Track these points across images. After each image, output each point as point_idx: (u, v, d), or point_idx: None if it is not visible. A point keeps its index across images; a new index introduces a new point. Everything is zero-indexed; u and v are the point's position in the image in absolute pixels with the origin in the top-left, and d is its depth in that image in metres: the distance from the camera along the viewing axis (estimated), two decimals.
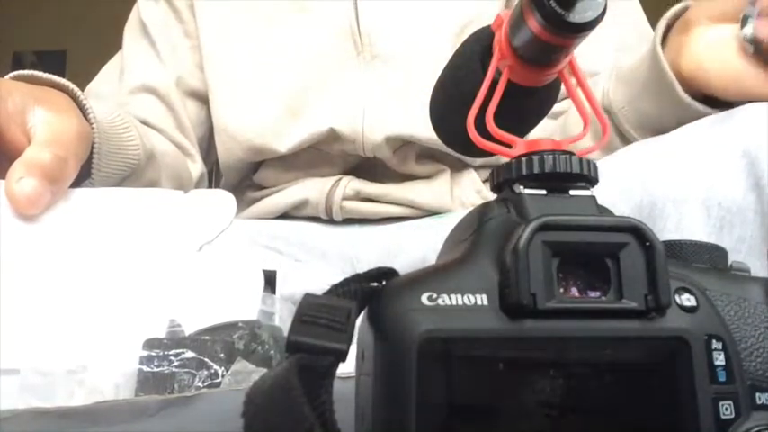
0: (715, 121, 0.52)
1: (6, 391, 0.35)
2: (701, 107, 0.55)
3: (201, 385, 0.38)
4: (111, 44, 0.84)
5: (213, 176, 0.91)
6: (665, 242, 0.25)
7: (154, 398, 0.30)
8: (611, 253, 0.24)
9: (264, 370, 0.34)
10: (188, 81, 0.79)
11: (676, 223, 0.49)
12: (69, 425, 0.29)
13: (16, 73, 0.54)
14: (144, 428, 0.29)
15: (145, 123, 0.75)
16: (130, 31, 0.82)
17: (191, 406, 0.30)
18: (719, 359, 0.25)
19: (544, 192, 0.26)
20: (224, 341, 0.40)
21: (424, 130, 0.69)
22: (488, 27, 0.32)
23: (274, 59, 0.75)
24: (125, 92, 0.78)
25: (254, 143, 0.74)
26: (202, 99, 0.79)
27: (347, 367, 0.25)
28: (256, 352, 0.42)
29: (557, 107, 0.69)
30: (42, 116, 0.47)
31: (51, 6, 3.64)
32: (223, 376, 0.39)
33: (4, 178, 0.43)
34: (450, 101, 0.34)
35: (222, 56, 0.77)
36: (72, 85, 0.54)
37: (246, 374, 0.38)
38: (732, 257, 0.29)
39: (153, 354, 0.38)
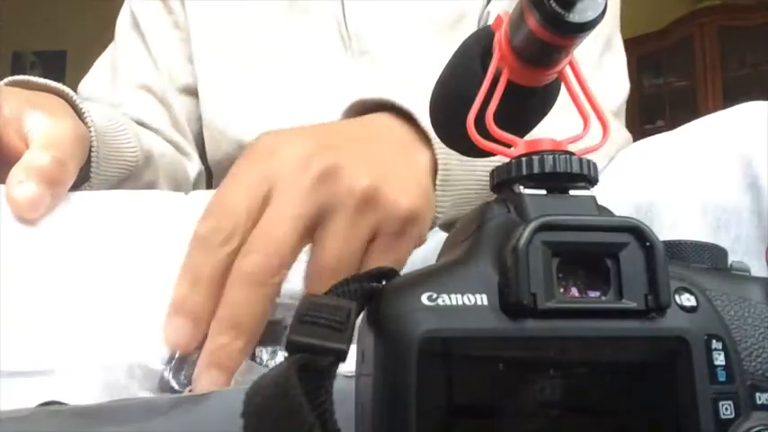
0: (712, 121, 0.52)
1: (21, 391, 0.35)
2: None
3: None
4: (110, 44, 0.84)
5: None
6: (665, 242, 0.25)
7: (166, 396, 0.30)
8: (611, 253, 0.24)
9: None
10: (180, 76, 0.79)
11: (673, 223, 0.49)
12: (82, 423, 0.29)
13: (10, 79, 0.54)
14: (156, 426, 0.29)
15: (141, 123, 0.75)
16: (122, 25, 0.82)
17: (203, 404, 0.30)
18: (719, 359, 0.25)
19: (544, 192, 0.26)
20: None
21: None
22: (488, 27, 0.32)
23: (262, 57, 0.75)
24: (119, 91, 0.78)
25: (243, 139, 0.74)
26: (195, 94, 0.80)
27: (347, 367, 0.25)
28: None
29: None
30: (39, 120, 0.47)
31: (51, 6, 3.65)
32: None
33: (2, 183, 0.43)
34: (449, 101, 0.34)
35: (211, 50, 0.77)
36: (67, 89, 0.54)
37: (258, 374, 0.38)
38: (729, 257, 0.29)
39: None
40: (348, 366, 0.25)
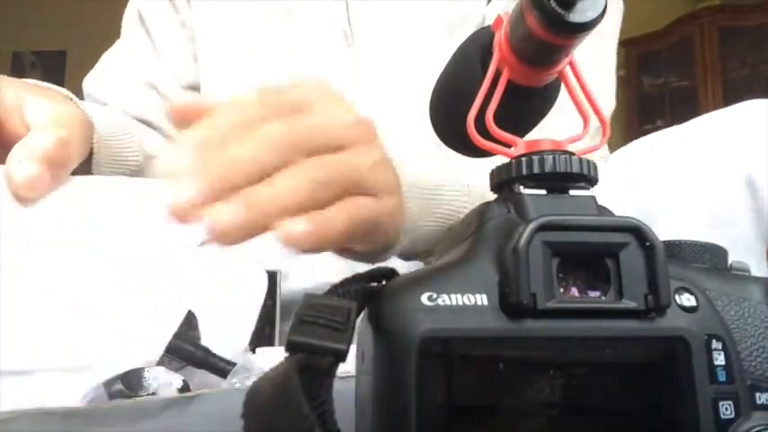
0: (712, 120, 0.52)
1: (12, 391, 0.35)
2: None
3: None
4: (110, 44, 0.84)
5: None
6: (664, 242, 0.25)
7: (156, 398, 0.30)
8: (612, 253, 0.24)
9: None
10: (186, 74, 0.79)
11: (672, 222, 0.49)
12: (72, 425, 0.29)
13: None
14: (146, 429, 0.29)
15: (144, 121, 0.75)
16: (128, 22, 0.82)
17: (192, 406, 0.30)
18: (719, 359, 0.25)
19: (544, 192, 0.27)
20: None
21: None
22: (488, 27, 0.32)
23: (267, 56, 0.75)
24: (124, 88, 0.78)
25: None
26: (200, 92, 0.80)
27: (347, 367, 0.25)
28: None
29: None
30: (41, 105, 0.46)
31: (51, 6, 3.65)
32: None
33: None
34: (450, 101, 0.34)
35: (216, 50, 0.77)
36: (68, 92, 0.53)
37: (249, 375, 0.38)
38: (729, 257, 0.29)
39: None
40: (347, 367, 0.25)
